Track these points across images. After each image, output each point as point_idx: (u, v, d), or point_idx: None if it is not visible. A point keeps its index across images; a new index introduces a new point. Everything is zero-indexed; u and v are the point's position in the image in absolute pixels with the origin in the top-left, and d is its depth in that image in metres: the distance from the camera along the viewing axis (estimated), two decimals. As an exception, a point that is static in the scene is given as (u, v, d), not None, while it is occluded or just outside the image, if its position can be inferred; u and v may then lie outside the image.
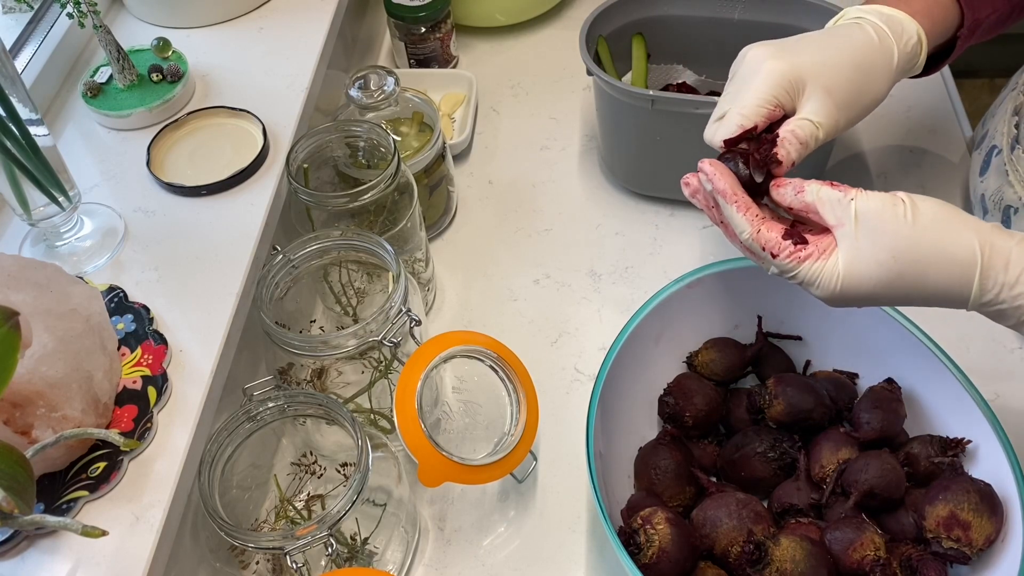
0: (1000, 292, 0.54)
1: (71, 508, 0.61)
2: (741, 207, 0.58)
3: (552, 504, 0.77)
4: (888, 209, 0.54)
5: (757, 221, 0.58)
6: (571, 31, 1.01)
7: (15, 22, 0.91)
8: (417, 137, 0.89)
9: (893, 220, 0.54)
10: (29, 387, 0.59)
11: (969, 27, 0.71)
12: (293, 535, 0.59)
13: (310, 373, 0.73)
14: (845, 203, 0.55)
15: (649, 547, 0.63)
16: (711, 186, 0.59)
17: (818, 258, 0.56)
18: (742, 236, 0.58)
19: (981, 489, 0.63)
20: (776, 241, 0.57)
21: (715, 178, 0.59)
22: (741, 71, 0.64)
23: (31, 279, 0.62)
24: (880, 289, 0.55)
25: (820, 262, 0.56)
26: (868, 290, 0.55)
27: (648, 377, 0.76)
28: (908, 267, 0.54)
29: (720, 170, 0.59)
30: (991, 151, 0.86)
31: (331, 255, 0.75)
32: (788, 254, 0.57)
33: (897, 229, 0.54)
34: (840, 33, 0.66)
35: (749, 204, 0.58)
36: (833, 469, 0.69)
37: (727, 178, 0.59)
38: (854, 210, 0.55)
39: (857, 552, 0.64)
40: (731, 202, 0.58)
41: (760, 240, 0.58)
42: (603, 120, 0.96)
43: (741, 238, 0.59)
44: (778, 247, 0.57)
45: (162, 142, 0.85)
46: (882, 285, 0.55)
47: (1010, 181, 0.81)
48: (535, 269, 0.93)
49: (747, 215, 0.58)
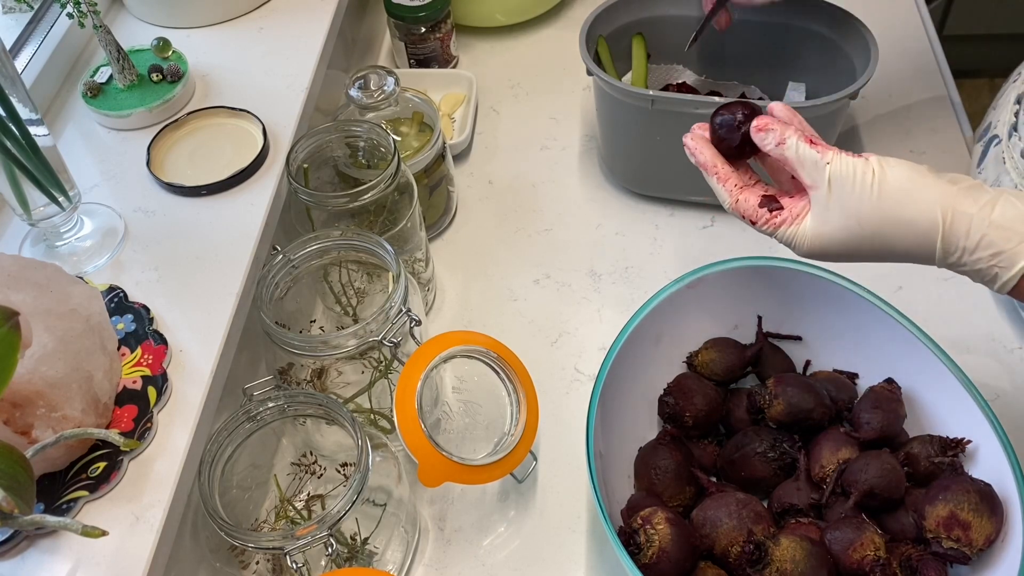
0: (962, 256, 0.57)
1: (71, 508, 0.61)
2: (721, 179, 0.63)
3: (552, 504, 0.77)
4: (858, 175, 0.57)
5: (736, 191, 0.63)
6: (571, 31, 1.01)
7: (15, 22, 0.91)
8: (417, 137, 0.89)
9: (861, 187, 0.57)
10: (29, 387, 0.59)
11: None
12: (293, 535, 0.59)
13: (310, 373, 0.73)
14: (821, 166, 0.58)
15: (649, 547, 0.63)
16: (694, 159, 0.64)
17: (791, 223, 0.61)
18: (724, 205, 0.63)
19: (981, 489, 0.63)
20: (753, 209, 0.62)
21: (696, 152, 0.64)
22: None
23: (31, 279, 0.62)
24: (848, 250, 0.59)
25: (794, 227, 0.60)
26: (836, 251, 0.60)
27: (648, 377, 0.76)
28: (872, 232, 0.58)
29: (699, 144, 0.64)
30: (990, 141, 0.86)
31: (331, 255, 0.75)
32: (764, 221, 0.62)
33: (863, 196, 0.57)
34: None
35: (728, 175, 0.63)
36: (833, 469, 0.69)
37: (707, 151, 0.64)
38: (828, 174, 0.58)
39: (857, 552, 0.64)
40: (711, 174, 0.64)
41: (739, 209, 0.63)
42: (603, 120, 0.96)
43: (724, 207, 0.64)
44: (755, 214, 0.62)
45: (162, 142, 0.85)
46: (849, 247, 0.59)
47: (1007, 169, 0.81)
48: (535, 269, 0.93)
49: (726, 186, 0.63)
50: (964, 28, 2.02)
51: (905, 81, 1.06)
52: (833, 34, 0.92)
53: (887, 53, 0.86)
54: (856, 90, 0.84)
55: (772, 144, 0.60)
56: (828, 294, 0.75)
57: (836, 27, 0.92)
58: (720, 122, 0.63)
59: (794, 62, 0.96)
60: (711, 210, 0.96)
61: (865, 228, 0.58)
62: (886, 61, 0.87)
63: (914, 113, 1.03)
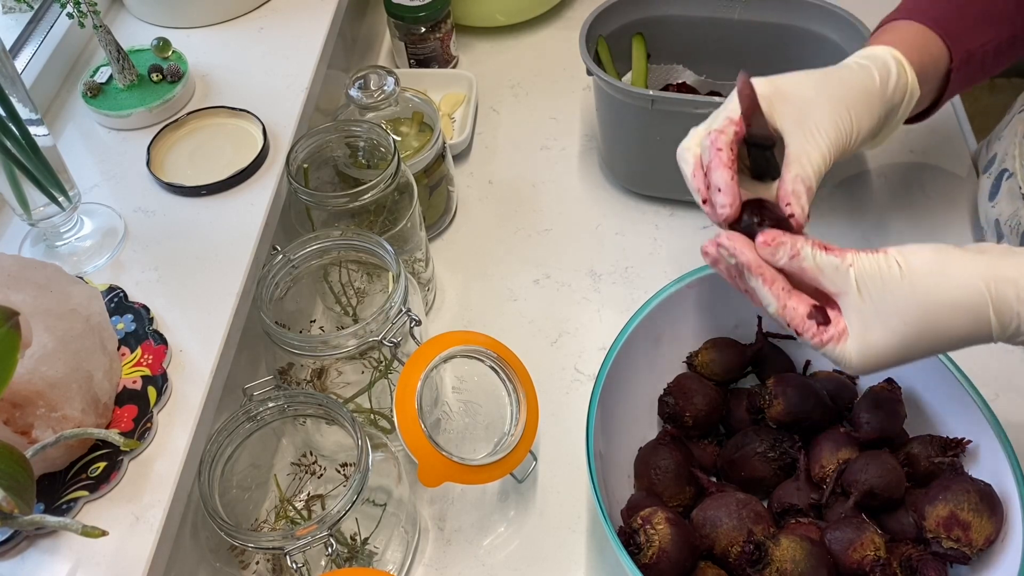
0: (1021, 324, 0.53)
1: (71, 508, 0.61)
2: (767, 280, 0.57)
3: (552, 504, 0.77)
4: (884, 271, 0.54)
5: (784, 295, 0.57)
6: (571, 31, 1.01)
7: (15, 22, 0.91)
8: (417, 137, 0.89)
9: (891, 281, 0.54)
10: (29, 387, 0.59)
11: (961, 59, 0.70)
12: (293, 535, 0.59)
13: (310, 373, 0.73)
14: (843, 270, 0.55)
15: (649, 547, 0.63)
16: (735, 260, 0.58)
17: (839, 340, 0.56)
18: (769, 309, 0.58)
19: (981, 489, 0.63)
20: (801, 319, 0.57)
21: (738, 252, 0.57)
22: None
23: (31, 279, 0.62)
24: (901, 352, 0.55)
25: (842, 344, 0.56)
26: (890, 356, 0.55)
27: (648, 377, 0.76)
28: (920, 327, 0.54)
29: (741, 242, 0.58)
30: (1001, 175, 0.85)
31: (331, 255, 0.75)
32: (811, 335, 0.56)
33: (897, 291, 0.54)
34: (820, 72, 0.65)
35: (775, 277, 0.57)
36: (833, 469, 0.69)
37: (748, 250, 0.57)
38: (853, 278, 0.54)
39: (857, 552, 0.64)
40: (757, 275, 0.57)
41: (786, 315, 0.57)
42: (603, 120, 0.96)
43: (768, 311, 0.58)
44: (802, 326, 0.57)
45: (162, 142, 0.85)
46: (901, 348, 0.55)
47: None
48: (535, 269, 0.93)
49: (773, 289, 0.57)
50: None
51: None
52: (833, 34, 0.92)
53: (887, 53, 0.85)
54: (856, 90, 0.83)
55: (785, 258, 0.56)
56: (828, 294, 0.75)
57: (836, 27, 0.92)
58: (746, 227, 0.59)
59: (794, 62, 0.96)
60: (711, 210, 0.96)
61: (911, 325, 0.54)
62: (886, 61, 0.87)
63: (914, 113, 1.03)
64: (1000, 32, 0.72)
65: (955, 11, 0.71)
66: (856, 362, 0.56)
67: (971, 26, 0.71)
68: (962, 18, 0.70)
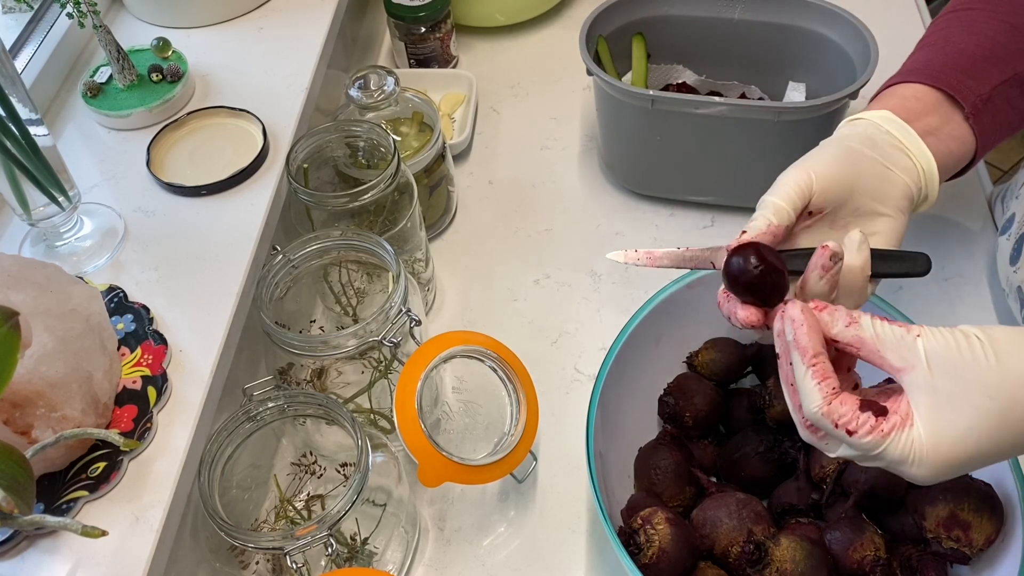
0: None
1: (71, 508, 0.61)
2: (818, 373, 0.49)
3: (552, 504, 0.77)
4: (962, 344, 0.47)
5: (831, 394, 0.48)
6: (571, 31, 1.01)
7: (15, 22, 0.91)
8: (417, 137, 0.89)
9: (971, 355, 0.46)
10: (29, 387, 0.59)
11: (974, 105, 0.65)
12: (293, 535, 0.59)
13: (310, 373, 0.73)
14: (910, 342, 0.47)
15: (649, 547, 0.63)
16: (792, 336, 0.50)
17: (904, 427, 0.47)
18: (810, 407, 0.49)
19: (981, 489, 0.63)
20: (852, 414, 0.48)
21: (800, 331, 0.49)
22: None
23: (31, 279, 0.62)
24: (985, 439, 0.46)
25: (907, 431, 0.47)
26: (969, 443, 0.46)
27: (648, 377, 0.76)
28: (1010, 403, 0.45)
29: (811, 323, 0.50)
30: (1022, 238, 0.80)
31: (331, 255, 0.75)
32: (869, 429, 0.47)
33: (979, 364, 0.46)
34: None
35: (828, 372, 0.49)
36: (833, 469, 0.69)
37: (815, 335, 0.49)
38: (922, 350, 0.47)
39: (857, 552, 0.64)
40: (808, 364, 0.49)
41: (832, 414, 0.48)
42: (603, 120, 0.96)
43: (808, 409, 0.49)
44: (855, 421, 0.48)
45: (162, 142, 0.85)
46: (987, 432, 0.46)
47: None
48: (535, 269, 0.93)
49: (822, 385, 0.49)
50: (964, 28, 2.02)
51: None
52: (833, 34, 0.92)
53: (887, 53, 0.85)
54: (856, 90, 0.84)
55: (842, 325, 0.49)
56: (828, 294, 0.74)
57: (836, 27, 0.92)
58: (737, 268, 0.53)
59: (794, 62, 0.96)
60: (711, 210, 0.96)
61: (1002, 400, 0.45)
62: (886, 61, 0.87)
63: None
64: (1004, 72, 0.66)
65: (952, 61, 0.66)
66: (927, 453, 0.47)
67: (977, 70, 0.65)
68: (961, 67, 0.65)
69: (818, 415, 0.48)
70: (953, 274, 0.88)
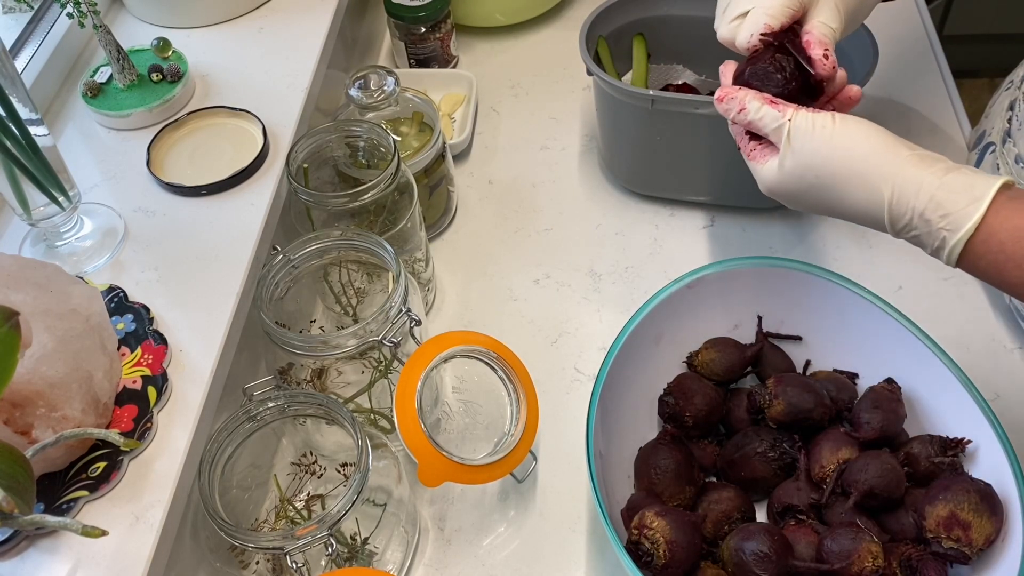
0: (912, 219, 0.56)
1: (71, 508, 0.61)
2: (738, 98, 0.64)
3: (552, 504, 0.77)
4: (816, 126, 0.59)
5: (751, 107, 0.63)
6: (571, 31, 1.01)
7: (15, 22, 0.91)
8: (417, 137, 0.89)
9: (817, 137, 0.59)
10: (29, 387, 0.59)
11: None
12: (293, 535, 0.59)
13: (310, 373, 0.73)
14: (782, 122, 0.61)
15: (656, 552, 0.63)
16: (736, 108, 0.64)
17: (758, 159, 0.64)
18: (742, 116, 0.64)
19: (981, 489, 0.63)
20: (740, 135, 0.65)
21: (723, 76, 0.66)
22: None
23: (31, 279, 0.62)
24: (799, 196, 0.62)
25: (759, 163, 0.64)
26: (789, 195, 0.62)
27: (648, 377, 0.76)
28: (821, 181, 0.59)
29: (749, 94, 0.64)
30: (985, 148, 0.85)
31: (331, 255, 0.75)
32: (745, 149, 0.65)
33: (816, 147, 0.59)
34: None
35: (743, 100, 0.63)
36: (833, 469, 0.69)
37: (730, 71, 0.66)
38: (787, 129, 0.60)
39: (855, 566, 0.63)
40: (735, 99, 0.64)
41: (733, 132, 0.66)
42: (603, 120, 0.96)
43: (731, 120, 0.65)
44: (742, 141, 0.65)
45: (162, 142, 0.85)
46: (799, 193, 0.61)
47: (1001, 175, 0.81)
48: (535, 269, 0.93)
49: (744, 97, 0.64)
50: (964, 28, 2.02)
51: (905, 81, 1.06)
52: (833, 34, 0.92)
53: (887, 53, 0.85)
54: (856, 90, 0.84)
55: (735, 112, 0.63)
56: (828, 294, 0.75)
57: (836, 27, 0.92)
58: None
59: (794, 62, 0.96)
60: (711, 210, 0.96)
61: (810, 177, 0.60)
62: (886, 61, 0.87)
63: (914, 113, 1.03)
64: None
65: None
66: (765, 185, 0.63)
67: None
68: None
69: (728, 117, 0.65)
70: (953, 274, 0.88)
